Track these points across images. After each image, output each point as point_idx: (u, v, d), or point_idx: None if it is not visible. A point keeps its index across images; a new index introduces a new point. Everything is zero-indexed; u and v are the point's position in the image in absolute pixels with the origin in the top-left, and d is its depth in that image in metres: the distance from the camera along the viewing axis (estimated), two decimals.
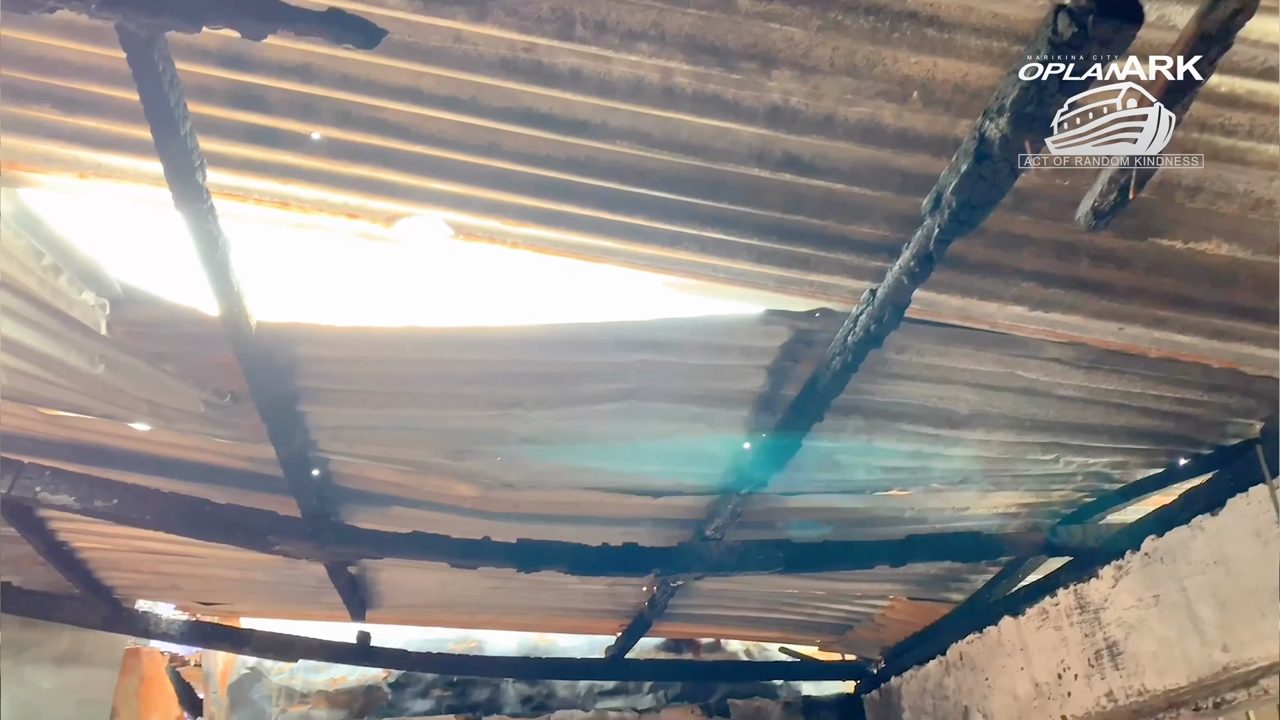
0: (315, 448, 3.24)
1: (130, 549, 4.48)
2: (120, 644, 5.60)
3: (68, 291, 2.58)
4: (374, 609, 5.17)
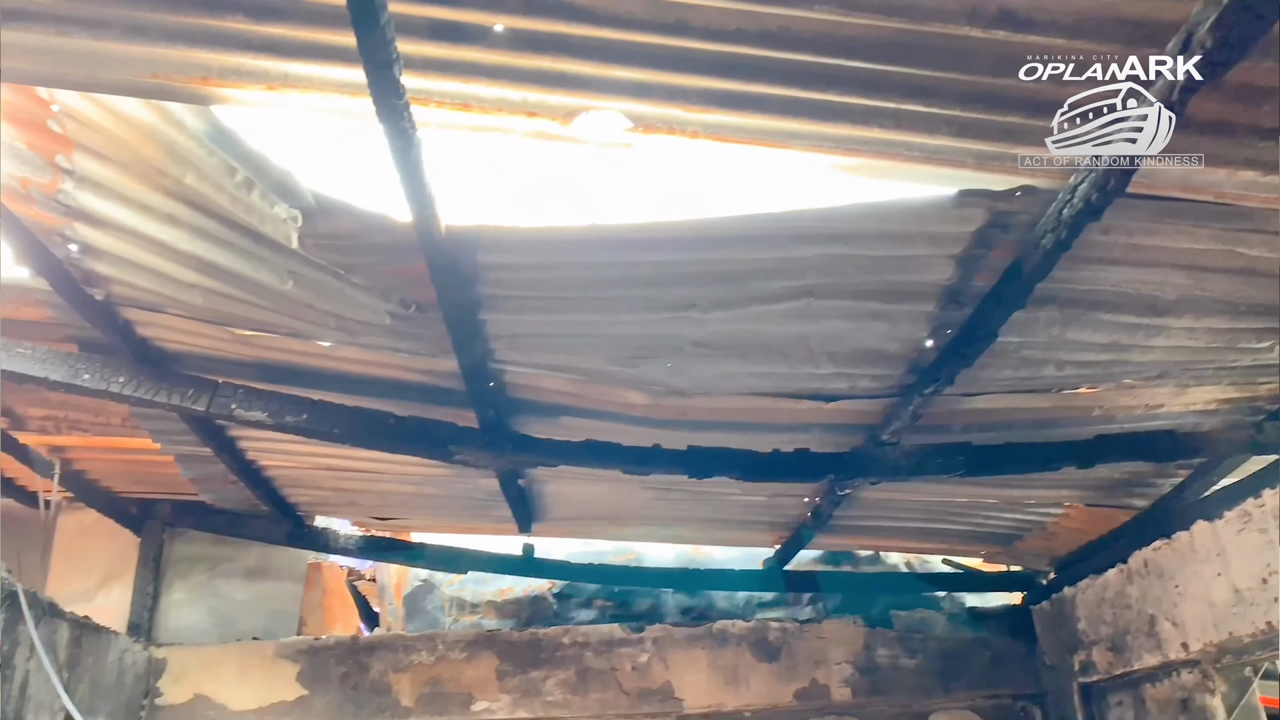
0: (493, 357, 3.28)
1: (312, 466, 4.70)
2: (303, 559, 5.94)
3: (260, 206, 2.64)
4: (539, 522, 5.29)
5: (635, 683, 5.50)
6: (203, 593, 5.80)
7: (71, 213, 3.02)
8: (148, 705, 5.31)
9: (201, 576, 5.83)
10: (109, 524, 5.72)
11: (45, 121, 2.78)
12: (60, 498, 4.85)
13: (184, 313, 3.35)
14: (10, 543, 5.04)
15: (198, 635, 5.67)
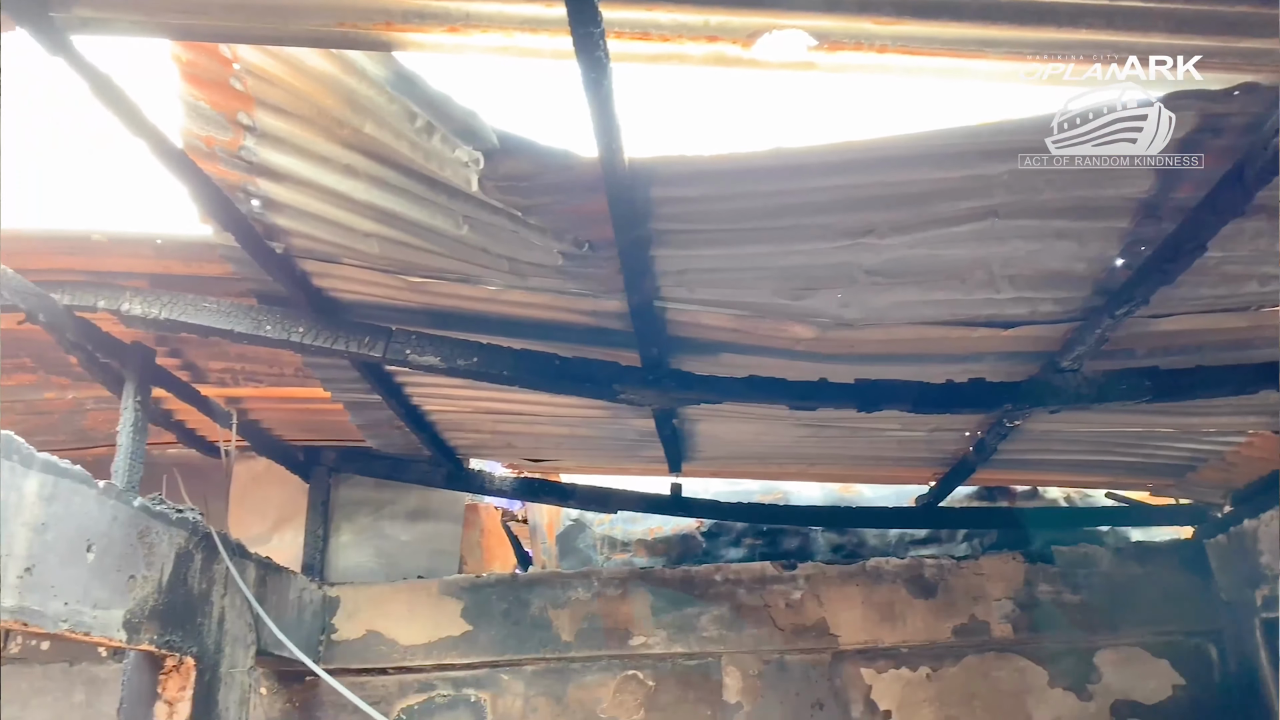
0: (658, 294, 3.27)
1: (473, 410, 4.83)
2: (460, 501, 6.15)
3: (439, 151, 2.68)
4: (688, 462, 5.32)
5: (789, 619, 5.51)
6: (368, 534, 6.08)
7: (253, 168, 3.13)
8: (325, 640, 5.63)
9: (366, 519, 6.10)
10: (279, 471, 6.04)
11: (227, 80, 2.86)
12: (237, 446, 5.12)
13: (359, 262, 3.45)
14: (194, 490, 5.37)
15: (365, 575, 5.96)
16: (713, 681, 5.46)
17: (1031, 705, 5.33)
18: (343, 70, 2.64)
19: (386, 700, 5.55)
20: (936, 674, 5.42)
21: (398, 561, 6.03)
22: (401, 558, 6.04)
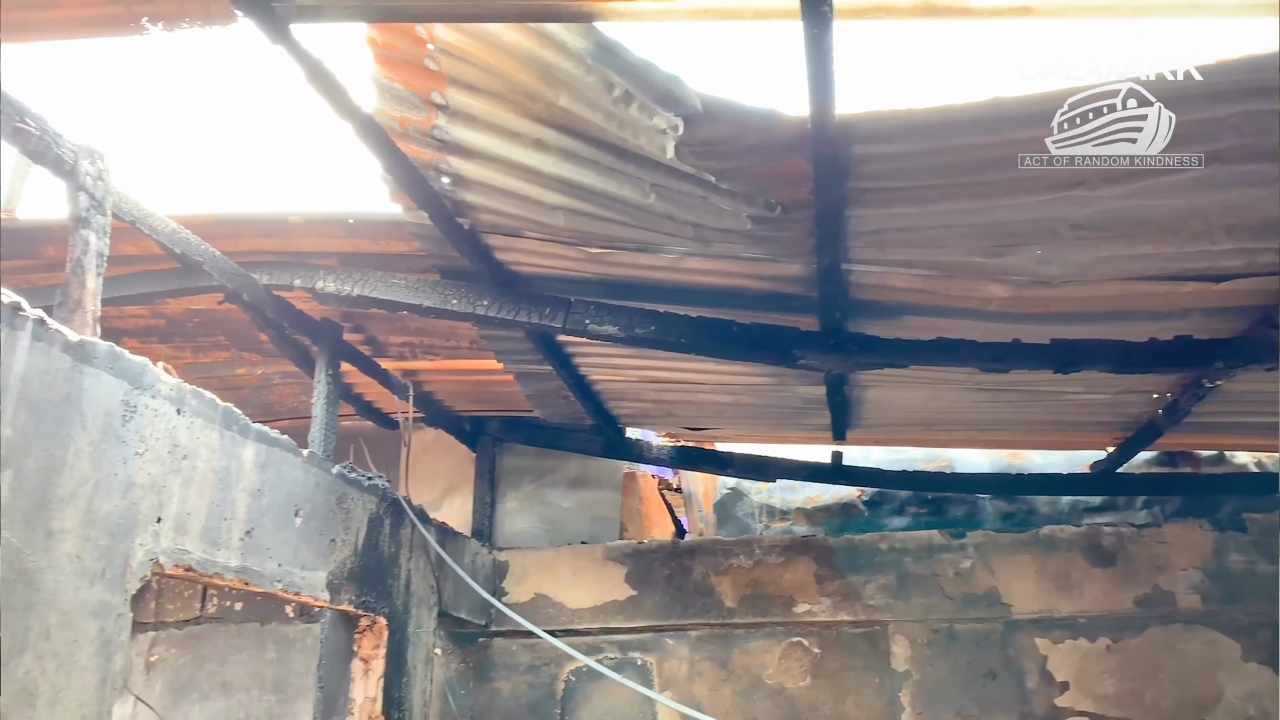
0: (846, 257, 3.21)
1: (638, 379, 4.88)
2: (619, 469, 6.25)
3: (636, 120, 2.69)
4: (854, 429, 5.24)
5: (958, 588, 5.40)
6: (532, 501, 6.26)
7: (445, 147, 3.22)
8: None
9: (530, 486, 6.28)
10: (447, 440, 6.27)
11: (422, 60, 2.94)
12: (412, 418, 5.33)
13: (542, 235, 3.52)
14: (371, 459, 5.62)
15: (530, 540, 6.14)
16: (880, 649, 5.41)
17: (1224, 680, 5.07)
18: (540, 44, 2.67)
19: (555, 662, 5.72)
20: (1117, 645, 5.22)
21: (560, 527, 6.19)
22: (564, 523, 6.20)
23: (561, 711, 5.60)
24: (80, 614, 2.63)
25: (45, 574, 2.52)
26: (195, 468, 3.16)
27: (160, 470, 2.98)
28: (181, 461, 3.09)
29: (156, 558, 2.95)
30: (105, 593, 2.73)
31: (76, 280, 2.94)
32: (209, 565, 3.20)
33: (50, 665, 2.52)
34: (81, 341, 2.74)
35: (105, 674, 2.72)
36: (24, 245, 4.17)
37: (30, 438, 2.50)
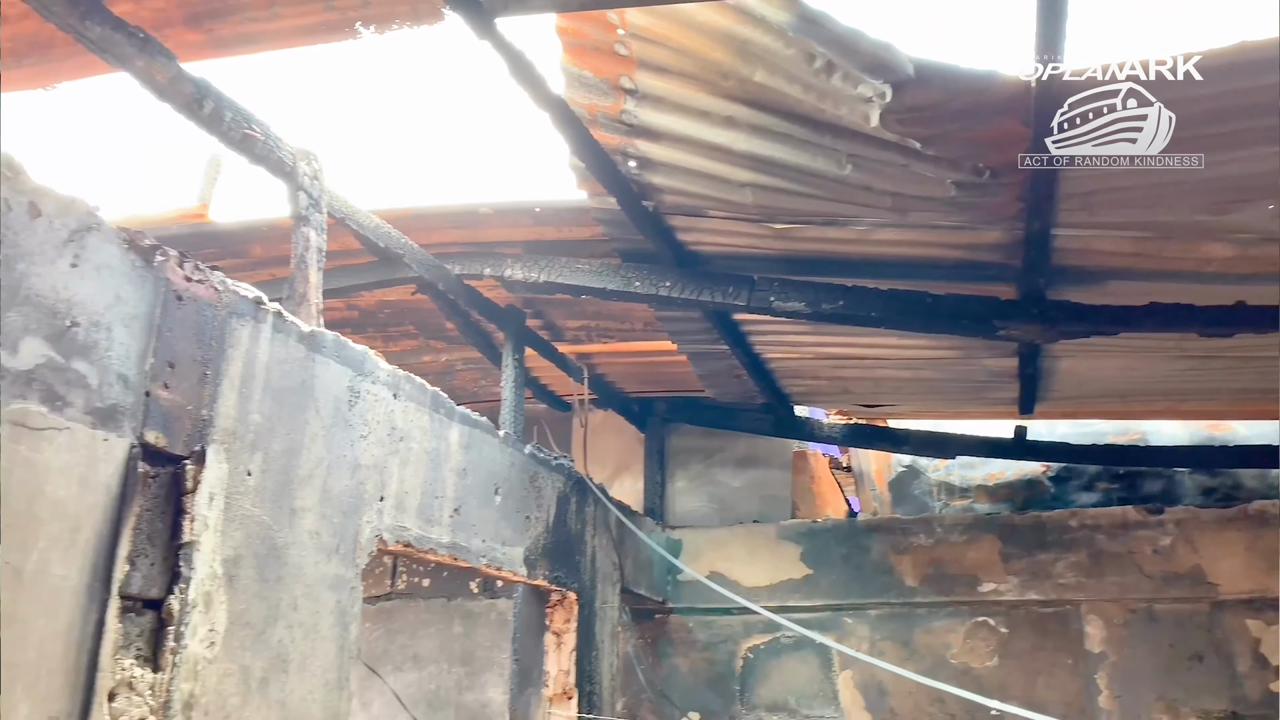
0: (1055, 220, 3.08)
1: (814, 356, 4.84)
2: (788, 448, 6.22)
3: (838, 89, 2.65)
4: (1042, 402, 5.04)
5: (1158, 566, 5.12)
6: (701, 481, 6.31)
7: (633, 130, 3.26)
8: (672, 580, 5.91)
9: (699, 466, 6.33)
10: (616, 422, 6.38)
11: (612, 46, 2.98)
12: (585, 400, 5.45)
13: (727, 213, 3.52)
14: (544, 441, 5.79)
15: (701, 519, 6.19)
16: (1072, 630, 5.20)
17: None
18: (737, 20, 2.67)
19: (732, 639, 5.75)
20: None
21: (730, 506, 6.22)
22: (734, 502, 6.22)
23: (741, 687, 5.63)
24: (320, 586, 2.82)
25: (291, 549, 2.71)
26: (410, 449, 3.33)
27: (381, 452, 3.16)
28: (399, 443, 3.26)
29: (381, 534, 3.13)
30: (340, 567, 2.91)
31: (300, 275, 3.13)
32: (425, 541, 3.37)
33: (298, 634, 2.71)
34: (312, 331, 2.92)
35: (343, 643, 2.91)
36: (233, 245, 4.48)
37: (275, 422, 2.69)
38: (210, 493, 2.41)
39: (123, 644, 2.17)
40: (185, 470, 2.37)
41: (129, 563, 2.19)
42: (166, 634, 2.26)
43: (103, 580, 2.14)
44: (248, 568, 2.53)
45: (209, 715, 2.35)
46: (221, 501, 2.45)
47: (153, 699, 2.21)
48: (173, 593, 2.29)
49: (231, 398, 2.55)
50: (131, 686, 2.17)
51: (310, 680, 2.74)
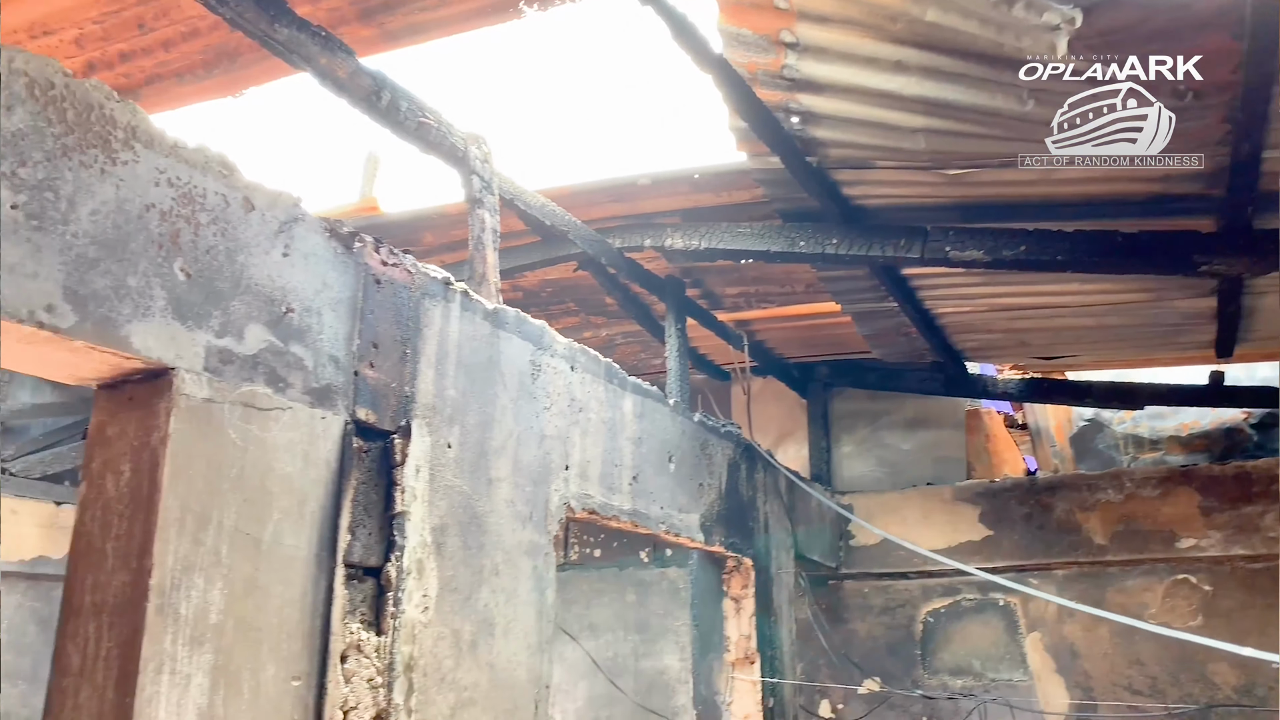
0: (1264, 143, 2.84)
1: (988, 309, 4.65)
2: (960, 407, 6.02)
3: (1020, 20, 2.51)
4: (1242, 344, 4.68)
5: None
6: (869, 445, 6.19)
7: (795, 85, 3.19)
8: (844, 547, 5.84)
9: (865, 430, 6.21)
10: (775, 389, 6.33)
11: (771, 1, 2.92)
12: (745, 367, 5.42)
13: (897, 162, 3.41)
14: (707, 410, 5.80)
15: (870, 484, 6.08)
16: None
17: None
18: None
19: (910, 604, 5.64)
20: None
21: (901, 470, 6.08)
22: (904, 466, 6.08)
23: (922, 652, 5.52)
24: (518, 553, 2.91)
25: (490, 517, 2.81)
26: (589, 419, 3.39)
27: (563, 423, 3.23)
28: (578, 414, 3.33)
29: (568, 502, 3.21)
30: (534, 534, 3.01)
31: (479, 255, 3.23)
32: (608, 508, 3.44)
33: (501, 599, 2.82)
34: (495, 309, 3.01)
35: (541, 608, 3.00)
36: (405, 235, 4.66)
37: (468, 397, 2.79)
38: (416, 465, 2.52)
39: (349, 609, 2.30)
40: (394, 444, 2.49)
41: (350, 532, 2.33)
42: (386, 600, 2.39)
43: (329, 549, 2.28)
44: (453, 536, 2.64)
45: (427, 676, 2.48)
46: (426, 473, 2.56)
47: (378, 660, 2.34)
48: (389, 560, 2.42)
49: (429, 374, 2.66)
50: (360, 649, 2.31)
51: (514, 643, 2.84)
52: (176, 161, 2.02)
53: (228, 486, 2.03)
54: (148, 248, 1.93)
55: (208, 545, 1.97)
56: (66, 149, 1.80)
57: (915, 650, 5.53)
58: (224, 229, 2.11)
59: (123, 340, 1.86)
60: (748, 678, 4.47)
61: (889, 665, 5.53)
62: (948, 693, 5.24)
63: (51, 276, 1.75)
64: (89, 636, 1.89)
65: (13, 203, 1.70)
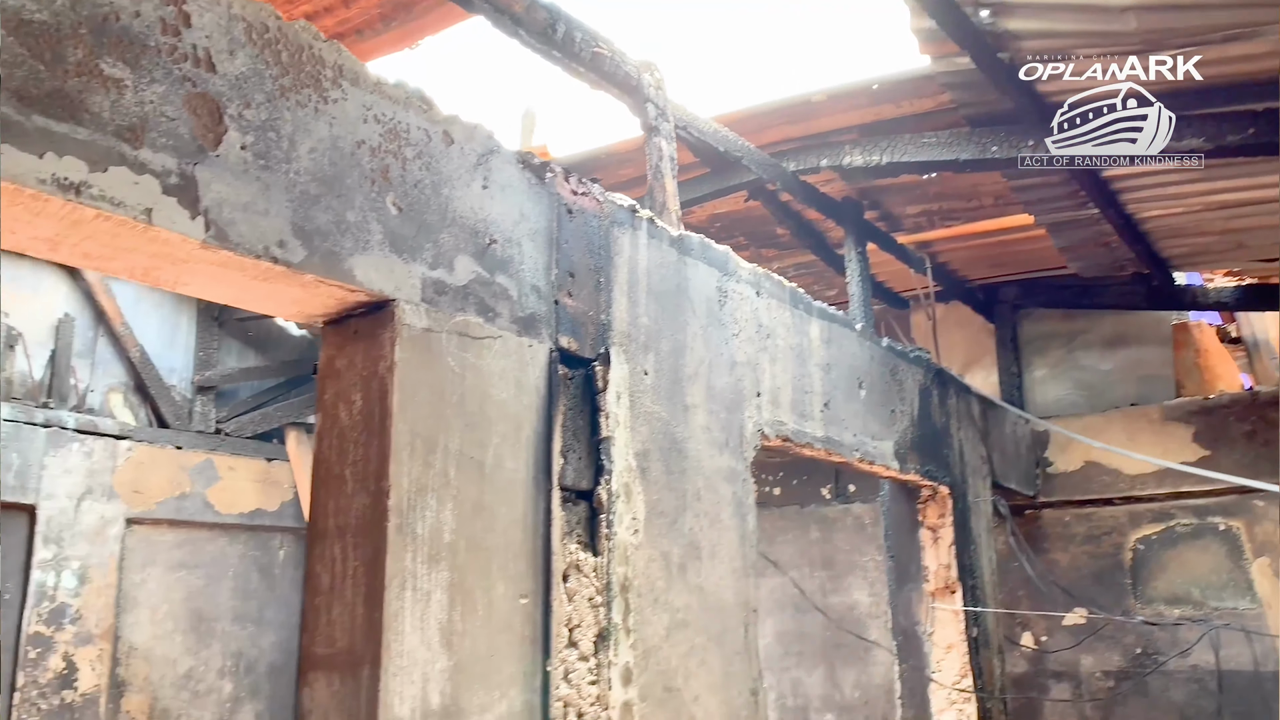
0: None
1: (1201, 208, 4.27)
2: (1165, 321, 5.59)
3: None
4: None
5: None
6: (1064, 367, 5.85)
7: None
8: (1040, 473, 5.56)
9: (1059, 352, 5.87)
10: (958, 315, 6.06)
11: None
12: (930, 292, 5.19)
13: (1102, 48, 3.14)
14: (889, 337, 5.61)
15: (1067, 407, 5.75)
16: None
17: None
18: None
19: (1117, 530, 5.33)
20: None
21: (1100, 391, 5.72)
22: (1103, 387, 5.72)
23: (1133, 580, 5.22)
24: (717, 478, 2.90)
25: (689, 443, 2.81)
26: (776, 345, 3.32)
27: (752, 349, 3.18)
28: (766, 340, 3.27)
29: (762, 429, 3.16)
30: (731, 460, 2.98)
31: (658, 184, 3.19)
32: (801, 435, 3.38)
33: (704, 523, 2.81)
34: (680, 235, 2.97)
35: (743, 532, 2.99)
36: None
37: (660, 324, 2.78)
38: (617, 391, 2.54)
39: (566, 531, 2.35)
40: (595, 371, 2.51)
41: (562, 457, 2.36)
42: (599, 521, 2.43)
43: (544, 472, 2.32)
44: (655, 461, 2.65)
45: (642, 597, 2.50)
46: (627, 400, 2.57)
47: (596, 580, 2.38)
48: (599, 484, 2.44)
49: (622, 302, 2.66)
50: (579, 569, 2.35)
51: (720, 567, 2.84)
52: (380, 98, 2.07)
53: (450, 412, 2.09)
54: (361, 183, 1.99)
55: (437, 468, 2.04)
56: (284, 89, 1.87)
57: (1125, 579, 5.23)
58: (428, 163, 2.16)
59: (347, 273, 1.93)
60: (949, 607, 4.35)
61: (1096, 595, 5.25)
62: (1172, 620, 4.94)
63: (280, 213, 1.83)
64: (335, 557, 2.00)
65: (241, 143, 1.78)
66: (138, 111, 1.63)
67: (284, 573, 6.21)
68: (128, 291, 5.71)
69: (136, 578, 5.46)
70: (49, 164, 1.52)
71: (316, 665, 1.95)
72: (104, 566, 5.25)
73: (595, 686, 2.31)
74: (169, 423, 5.72)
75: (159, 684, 5.48)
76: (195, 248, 1.70)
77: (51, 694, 4.97)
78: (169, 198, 1.66)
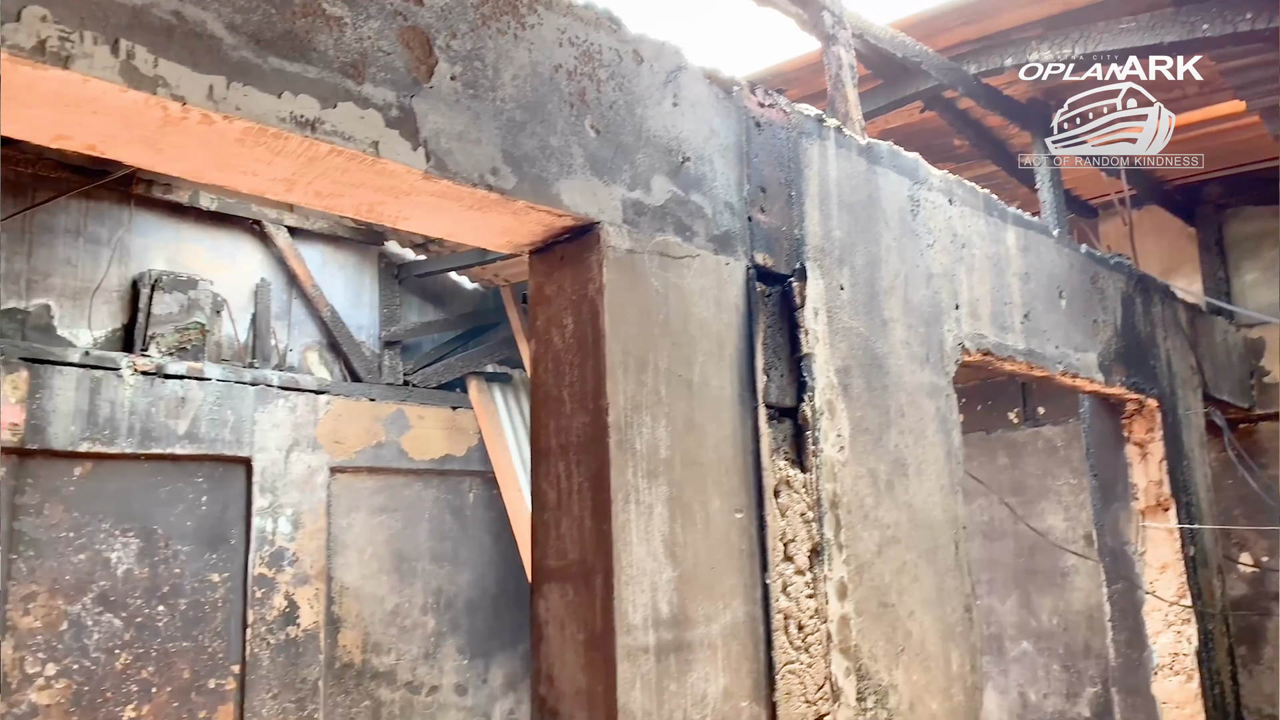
0: None
1: None
2: None
3: None
4: None
5: None
6: (1277, 269, 5.36)
7: None
8: (1255, 383, 5.15)
9: (1271, 253, 5.38)
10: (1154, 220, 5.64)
11: None
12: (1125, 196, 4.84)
13: None
14: None
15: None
16: None
17: None
18: None
19: None
20: None
21: None
22: None
23: None
24: (919, 394, 2.81)
25: (889, 359, 2.73)
26: (973, 255, 3.18)
27: (947, 260, 3.05)
28: (961, 250, 3.13)
29: (962, 342, 3.04)
30: (932, 375, 2.89)
31: (839, 94, 3.08)
32: (1002, 349, 3.23)
33: (909, 439, 2.74)
34: (869, 144, 2.87)
35: (949, 448, 2.90)
36: None
37: (853, 236, 2.70)
38: (814, 307, 2.49)
39: (773, 447, 2.33)
40: (792, 287, 2.46)
41: (765, 374, 2.34)
42: (805, 438, 2.40)
43: (749, 389, 2.31)
44: (856, 377, 2.59)
45: (851, 514, 2.47)
46: (824, 315, 2.52)
47: (806, 496, 2.36)
48: (802, 401, 2.41)
49: (814, 216, 2.59)
50: (789, 484, 2.34)
51: (928, 484, 2.77)
52: (573, 20, 2.07)
53: (657, 331, 2.10)
54: (561, 108, 2.01)
55: (649, 386, 2.06)
56: (485, 18, 1.90)
57: None
58: (620, 83, 2.15)
59: (554, 198, 1.95)
60: (1162, 526, 4.10)
61: None
62: None
63: (491, 141, 1.86)
64: (560, 474, 2.06)
65: (451, 74, 1.82)
66: (358, 48, 1.69)
67: (474, 514, 6.52)
68: (315, 255, 6.04)
69: (343, 522, 5.85)
70: (286, 103, 1.59)
71: (550, 577, 2.02)
72: (314, 512, 5.64)
73: (813, 600, 2.30)
74: (361, 377, 6.05)
75: (369, 620, 5.88)
76: (418, 178, 1.76)
77: (278, 629, 5.41)
78: (392, 130, 1.71)
